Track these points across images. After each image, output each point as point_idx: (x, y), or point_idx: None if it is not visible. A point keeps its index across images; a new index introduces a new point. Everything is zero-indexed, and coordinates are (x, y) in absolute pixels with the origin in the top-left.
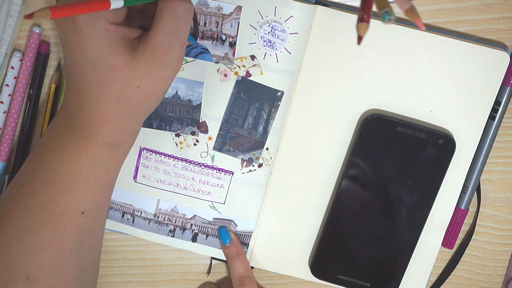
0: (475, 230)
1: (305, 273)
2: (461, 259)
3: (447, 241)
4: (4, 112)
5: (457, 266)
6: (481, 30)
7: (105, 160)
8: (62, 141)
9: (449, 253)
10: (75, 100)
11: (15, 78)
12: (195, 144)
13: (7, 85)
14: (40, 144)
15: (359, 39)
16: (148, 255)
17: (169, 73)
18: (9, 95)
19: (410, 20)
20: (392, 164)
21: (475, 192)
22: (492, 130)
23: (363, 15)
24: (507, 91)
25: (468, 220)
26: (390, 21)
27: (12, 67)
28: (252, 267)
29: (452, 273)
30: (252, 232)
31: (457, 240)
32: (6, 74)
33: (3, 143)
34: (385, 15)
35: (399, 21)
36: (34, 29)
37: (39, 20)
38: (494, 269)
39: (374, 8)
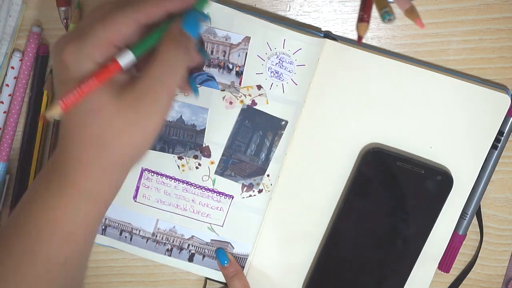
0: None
1: None
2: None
3: (444, 265)
4: (4, 112)
5: None
6: (481, 30)
7: (83, 214)
8: (41, 190)
9: (446, 276)
10: (61, 145)
11: (15, 78)
12: (197, 168)
13: (7, 85)
14: (30, 187)
15: (359, 39)
16: None
17: (152, 124)
18: (9, 95)
19: (410, 20)
20: (390, 197)
21: (477, 219)
22: (492, 161)
23: (363, 15)
24: (510, 121)
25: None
26: (390, 21)
27: (12, 67)
28: None
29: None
30: (248, 256)
31: (459, 263)
32: (6, 74)
33: (3, 143)
34: (385, 15)
35: (403, 57)
36: (34, 29)
37: (53, 116)
38: (494, 269)
39: (374, 8)
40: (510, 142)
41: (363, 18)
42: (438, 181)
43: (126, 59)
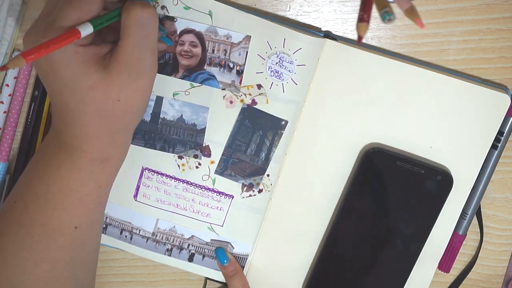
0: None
1: None
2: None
3: (444, 265)
4: (4, 112)
5: None
6: (481, 30)
7: (96, 175)
8: (52, 158)
9: (446, 276)
10: (60, 121)
11: (15, 78)
12: (197, 167)
13: (7, 85)
14: (32, 161)
15: (359, 39)
16: None
17: (145, 81)
18: (9, 95)
19: (410, 20)
20: (390, 197)
21: (477, 219)
22: (492, 161)
23: (363, 15)
24: (510, 121)
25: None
26: (390, 21)
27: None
28: None
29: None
30: (248, 255)
31: (459, 263)
32: (6, 74)
33: (3, 143)
34: (385, 15)
35: (403, 57)
36: None
37: (15, 68)
38: (494, 269)
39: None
40: (510, 142)
41: (363, 18)
42: (438, 181)
43: (86, 30)
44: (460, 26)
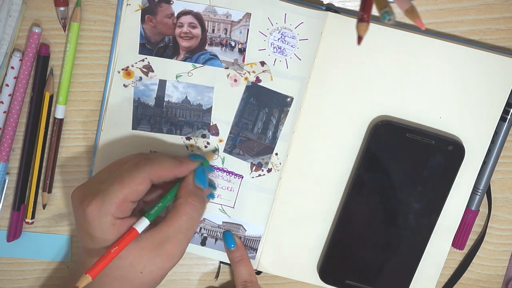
0: (483, 231)
1: (313, 278)
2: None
3: (458, 242)
4: (4, 112)
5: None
6: (481, 30)
7: None
8: None
9: (458, 253)
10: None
11: (15, 78)
12: (205, 147)
13: (7, 85)
14: None
15: (359, 39)
16: None
17: (170, 265)
18: (9, 95)
19: (410, 20)
20: (401, 170)
21: (486, 195)
22: (503, 132)
23: (363, 15)
24: None
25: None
26: (390, 21)
27: (12, 67)
28: (260, 272)
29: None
30: (260, 237)
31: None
32: (6, 74)
33: (3, 143)
34: (385, 15)
35: (408, 27)
36: (34, 29)
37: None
38: (494, 269)
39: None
40: (510, 142)
41: (363, 18)
42: (450, 151)
43: (143, 225)
44: (460, 26)
